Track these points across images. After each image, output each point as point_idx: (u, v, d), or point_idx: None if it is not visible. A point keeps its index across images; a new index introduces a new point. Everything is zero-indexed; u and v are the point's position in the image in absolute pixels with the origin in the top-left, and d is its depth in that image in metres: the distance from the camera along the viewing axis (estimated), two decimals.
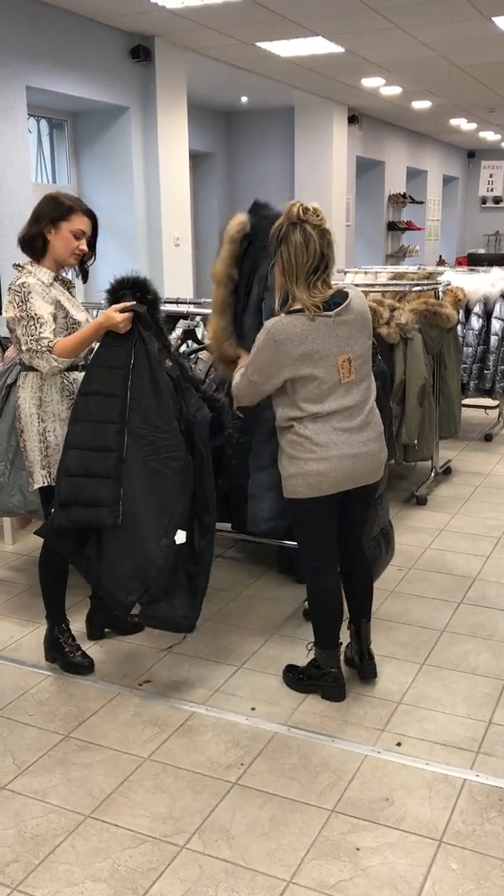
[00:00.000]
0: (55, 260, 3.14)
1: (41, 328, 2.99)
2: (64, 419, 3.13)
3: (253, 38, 7.65)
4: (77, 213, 3.10)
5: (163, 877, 2.32)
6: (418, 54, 8.41)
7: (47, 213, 3.10)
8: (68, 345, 3.01)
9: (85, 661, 3.36)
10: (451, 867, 2.34)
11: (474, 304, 6.51)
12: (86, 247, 3.15)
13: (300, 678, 3.21)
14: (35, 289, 3.04)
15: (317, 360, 2.82)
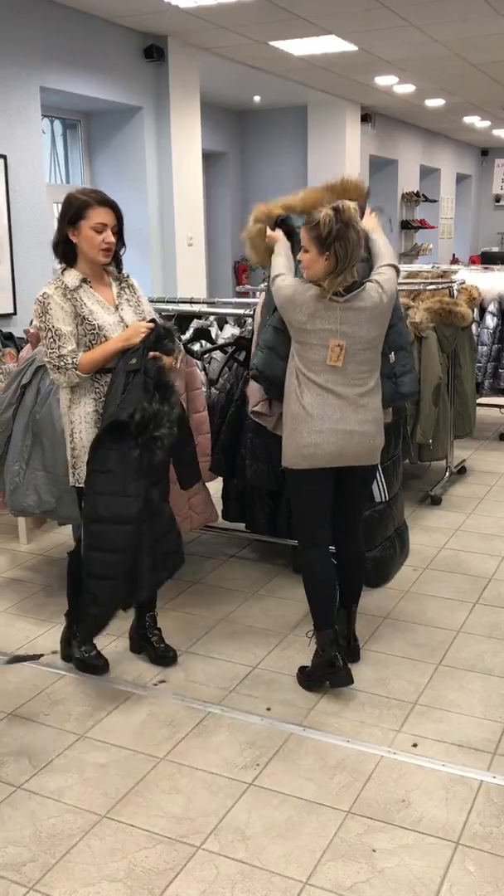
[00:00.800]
0: (87, 261, 3.04)
1: (61, 343, 2.96)
2: (91, 421, 3.08)
3: (266, 37, 7.64)
4: (92, 206, 2.98)
5: (179, 877, 2.32)
6: (432, 52, 8.37)
7: (65, 214, 3.01)
8: (91, 359, 2.99)
9: (99, 661, 3.36)
10: (468, 869, 2.32)
11: (489, 303, 6.48)
12: (112, 238, 3.02)
13: (309, 675, 3.22)
14: (54, 300, 2.98)
15: (309, 332, 3.01)
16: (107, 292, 3.11)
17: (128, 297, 3.16)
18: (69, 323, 2.99)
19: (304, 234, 2.99)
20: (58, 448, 3.78)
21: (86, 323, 3.01)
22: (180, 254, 8.08)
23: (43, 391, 3.84)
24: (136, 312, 3.14)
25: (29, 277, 6.48)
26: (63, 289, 3.01)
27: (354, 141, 11.48)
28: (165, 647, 3.44)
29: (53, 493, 3.80)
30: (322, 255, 2.95)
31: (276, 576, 4.25)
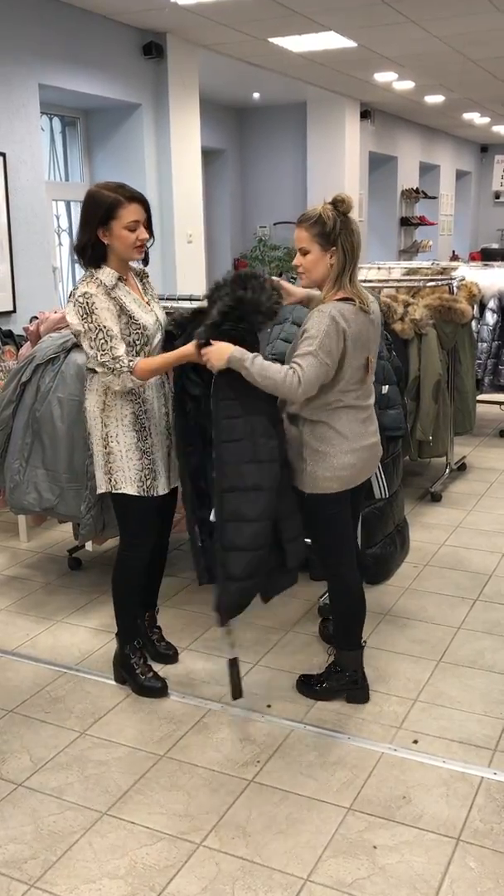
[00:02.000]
0: (119, 259, 2.92)
1: (114, 344, 2.82)
2: (127, 424, 2.97)
3: (265, 33, 7.63)
4: (123, 205, 2.84)
5: (180, 874, 2.32)
6: (431, 48, 8.36)
7: (93, 215, 2.85)
8: (151, 367, 2.86)
9: (157, 682, 3.19)
10: (469, 866, 2.32)
11: (489, 300, 6.48)
12: (146, 234, 2.91)
13: (317, 688, 3.14)
14: (99, 299, 2.84)
15: (358, 349, 2.83)
16: (136, 290, 3.03)
17: (151, 293, 3.11)
18: (116, 323, 2.86)
19: (303, 234, 2.81)
20: (58, 446, 3.78)
21: (131, 322, 2.90)
22: (179, 251, 8.07)
23: (43, 389, 3.84)
24: (161, 309, 3.09)
25: (28, 275, 6.48)
26: (104, 287, 2.88)
27: (354, 137, 11.47)
28: (166, 645, 3.44)
29: (53, 491, 3.80)
30: (327, 253, 2.79)
31: None
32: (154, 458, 3.05)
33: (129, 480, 3.02)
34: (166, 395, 3.09)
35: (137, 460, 3.01)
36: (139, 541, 3.15)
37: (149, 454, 3.03)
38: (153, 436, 3.04)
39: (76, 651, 3.53)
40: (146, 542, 3.16)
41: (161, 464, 3.07)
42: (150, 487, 3.04)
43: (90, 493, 3.72)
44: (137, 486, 3.03)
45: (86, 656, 3.48)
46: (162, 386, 3.07)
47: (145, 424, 3.01)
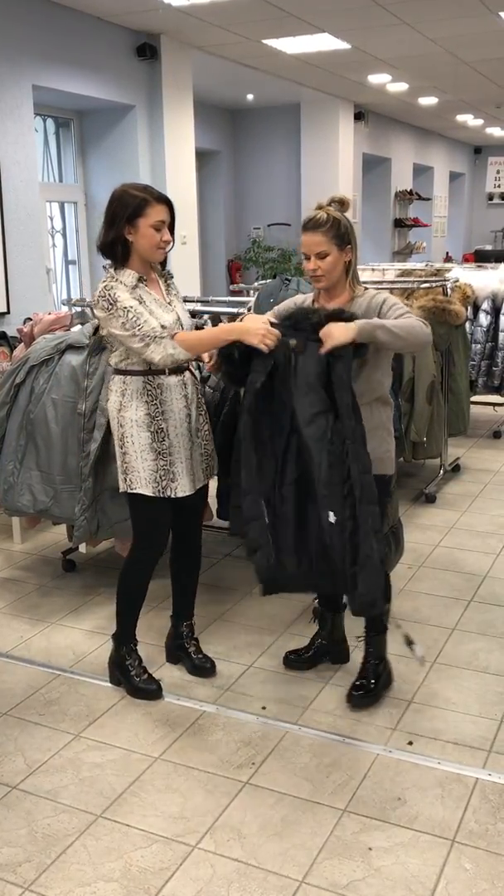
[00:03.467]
0: (141, 259, 2.95)
1: (146, 319, 2.84)
2: (142, 425, 2.98)
3: (259, 35, 7.64)
4: (151, 204, 2.88)
5: (175, 877, 2.31)
6: (425, 50, 8.38)
7: (121, 213, 2.88)
8: (192, 336, 2.89)
9: (152, 684, 3.18)
10: (464, 867, 2.32)
11: (482, 301, 6.49)
12: (169, 236, 2.94)
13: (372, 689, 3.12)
14: (120, 287, 2.89)
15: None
16: (158, 290, 3.04)
17: (175, 293, 3.10)
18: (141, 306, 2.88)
19: (319, 238, 2.84)
20: (52, 447, 3.78)
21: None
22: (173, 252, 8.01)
23: (37, 390, 3.83)
24: (184, 309, 3.09)
25: (22, 276, 6.47)
26: (123, 285, 2.91)
27: (347, 139, 11.49)
28: (204, 658, 3.33)
29: (48, 493, 3.79)
30: (343, 252, 2.88)
31: None
32: (172, 460, 3.03)
33: (144, 481, 3.01)
34: (188, 396, 3.06)
35: (152, 461, 3.00)
36: (149, 542, 3.14)
37: (165, 455, 3.01)
38: (171, 437, 3.02)
39: (70, 653, 3.52)
40: (156, 544, 3.16)
41: (182, 465, 3.05)
42: (167, 489, 3.03)
43: (84, 495, 3.71)
44: (152, 487, 3.01)
45: (80, 658, 3.47)
46: (184, 387, 3.04)
47: (162, 426, 3.00)
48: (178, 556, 3.32)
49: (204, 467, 3.18)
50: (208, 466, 3.22)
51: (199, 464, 3.14)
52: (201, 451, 3.16)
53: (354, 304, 2.92)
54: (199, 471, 3.16)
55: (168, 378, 3.00)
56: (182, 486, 3.07)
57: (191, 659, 3.33)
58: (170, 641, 3.42)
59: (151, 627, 3.68)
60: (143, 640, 3.57)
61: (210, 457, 3.22)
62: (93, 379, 3.74)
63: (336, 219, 2.87)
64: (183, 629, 3.37)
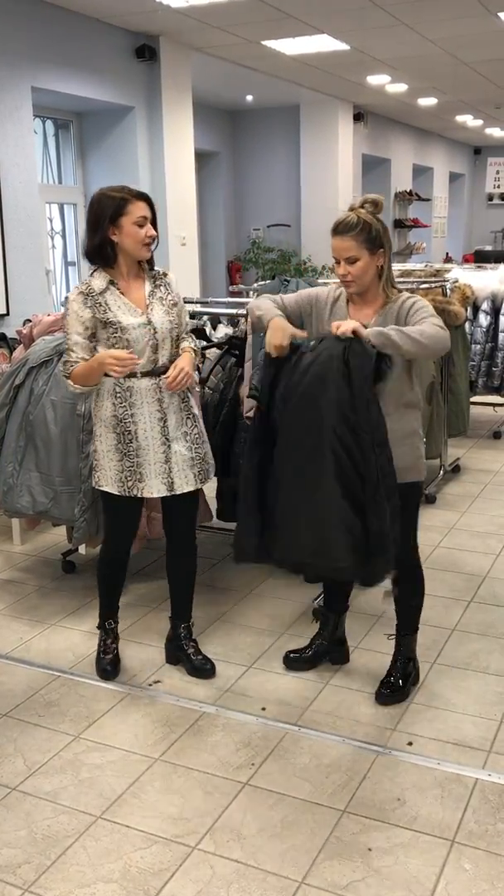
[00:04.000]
0: (128, 259, 2.98)
1: (70, 350, 2.98)
2: (108, 426, 3.04)
3: (258, 36, 7.64)
4: (131, 202, 2.92)
5: (174, 878, 2.31)
6: (424, 51, 8.38)
7: (103, 215, 2.91)
8: (78, 373, 2.98)
9: (105, 666, 3.32)
10: (464, 867, 2.32)
11: (482, 302, 6.49)
12: (153, 231, 2.96)
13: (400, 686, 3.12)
14: (73, 307, 2.95)
15: None
16: (139, 292, 3.03)
17: (161, 295, 3.07)
18: (80, 332, 2.96)
19: (349, 244, 2.78)
20: (51, 449, 3.78)
21: (109, 325, 2.95)
22: (173, 253, 8.07)
23: (36, 392, 3.83)
24: (167, 312, 3.05)
25: (21, 278, 6.47)
26: (87, 294, 2.96)
27: (347, 140, 11.49)
28: (203, 659, 3.33)
29: (47, 494, 3.79)
30: (375, 256, 2.82)
31: (271, 575, 4.24)
32: (139, 462, 3.06)
33: (110, 479, 3.10)
34: (163, 400, 3.06)
35: (118, 461, 3.07)
36: (115, 538, 3.27)
37: (131, 457, 3.06)
38: (140, 439, 3.05)
39: (70, 654, 3.52)
40: (120, 541, 3.26)
41: (151, 468, 3.07)
42: (133, 488, 3.08)
43: (84, 497, 3.72)
44: (118, 487, 3.09)
45: (80, 660, 3.47)
46: (158, 391, 3.05)
47: (130, 428, 3.04)
48: (172, 557, 3.34)
49: (196, 472, 3.16)
50: (201, 471, 3.18)
51: (182, 468, 3.11)
52: (191, 455, 3.13)
53: (387, 310, 2.87)
54: (185, 474, 3.12)
55: (140, 381, 3.02)
56: (150, 486, 3.08)
57: (190, 660, 3.33)
58: (169, 643, 3.43)
59: (150, 629, 3.69)
60: (142, 641, 3.58)
61: (203, 461, 3.19)
62: None
63: (367, 222, 2.79)
64: (181, 631, 3.37)
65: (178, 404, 3.11)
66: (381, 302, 2.89)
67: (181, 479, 3.12)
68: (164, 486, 3.10)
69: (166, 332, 3.04)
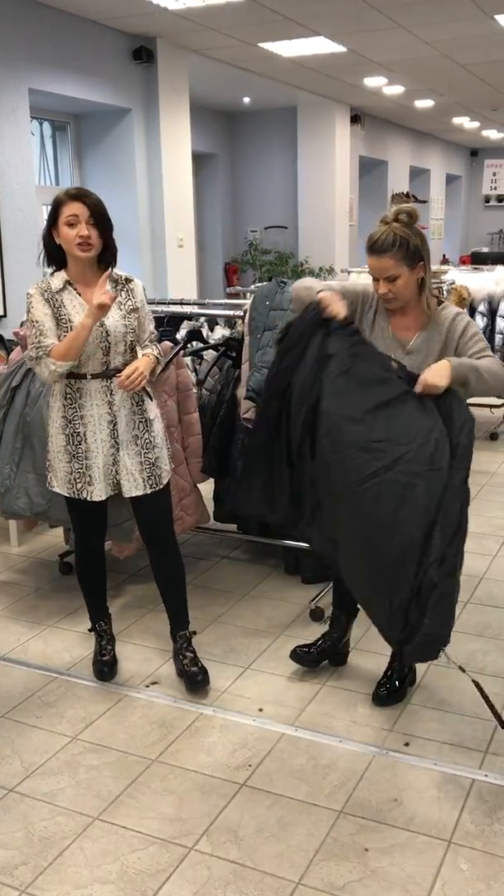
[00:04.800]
0: (74, 261, 2.96)
1: (42, 335, 2.92)
2: (58, 427, 3.05)
3: (255, 38, 7.65)
4: (64, 203, 2.89)
5: (171, 879, 2.32)
6: (421, 53, 8.39)
7: (49, 217, 2.94)
8: (61, 345, 2.89)
9: (101, 667, 3.32)
10: (460, 868, 2.33)
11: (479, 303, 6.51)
12: (86, 231, 2.87)
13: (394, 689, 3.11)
14: (35, 298, 2.96)
15: None
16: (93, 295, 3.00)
17: (120, 300, 3.02)
18: (50, 319, 2.93)
19: (388, 263, 2.72)
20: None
21: (61, 325, 2.94)
22: (170, 255, 8.08)
23: (33, 393, 3.83)
24: (123, 317, 3.00)
25: (19, 280, 6.47)
26: (44, 290, 2.97)
27: (344, 142, 11.50)
28: (197, 670, 3.22)
29: (44, 496, 3.79)
30: (415, 269, 2.76)
31: (268, 577, 4.25)
32: (88, 464, 3.04)
33: (60, 481, 3.11)
34: (113, 402, 3.02)
35: (67, 463, 3.07)
36: (78, 537, 3.31)
37: (80, 459, 3.04)
38: (89, 441, 3.03)
39: (67, 656, 3.52)
40: (86, 539, 3.29)
41: (99, 470, 3.05)
42: (82, 490, 3.07)
43: None
44: (67, 488, 3.10)
45: (77, 661, 3.48)
46: (108, 393, 3.01)
47: (79, 430, 3.03)
48: (152, 560, 3.29)
49: (145, 476, 3.09)
50: (151, 475, 3.10)
51: (131, 471, 3.07)
52: (140, 460, 3.08)
53: (432, 328, 2.81)
54: (133, 478, 3.08)
55: (89, 383, 2.99)
56: (98, 490, 3.06)
57: (185, 670, 3.24)
58: (174, 654, 3.35)
59: (148, 630, 3.69)
60: (138, 642, 3.58)
61: (154, 466, 3.11)
62: None
63: (403, 237, 2.71)
64: (178, 640, 3.30)
65: (130, 407, 3.06)
66: (422, 314, 2.83)
67: (129, 482, 3.08)
68: (111, 488, 3.09)
69: (119, 336, 2.99)
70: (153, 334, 3.17)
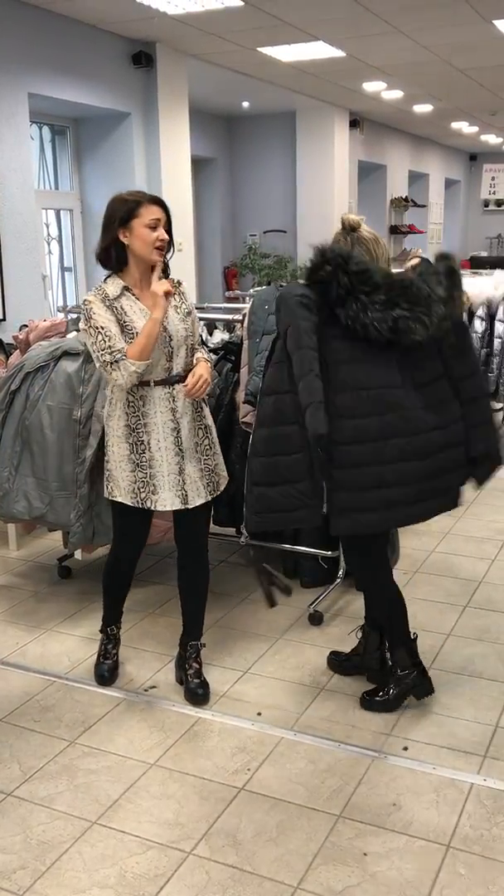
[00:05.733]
0: (139, 263, 2.93)
1: (112, 342, 2.86)
2: (120, 435, 3.00)
3: (254, 43, 7.67)
4: (143, 204, 2.88)
5: (170, 883, 2.31)
6: (419, 58, 8.41)
7: (115, 216, 2.88)
8: (136, 344, 2.85)
9: (103, 672, 3.32)
10: (459, 872, 2.33)
11: (478, 308, 6.50)
12: (166, 235, 2.91)
13: (387, 698, 3.09)
14: (96, 304, 2.90)
15: None
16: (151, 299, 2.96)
17: (176, 303, 3.02)
18: (115, 323, 2.89)
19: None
20: (47, 454, 3.78)
21: (126, 331, 2.89)
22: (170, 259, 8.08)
23: (32, 397, 3.84)
24: (181, 320, 3.00)
25: (18, 283, 6.48)
26: (104, 298, 2.92)
27: (343, 146, 11.52)
28: (199, 684, 3.19)
29: (43, 500, 3.79)
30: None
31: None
32: (152, 473, 3.01)
33: (123, 491, 3.05)
34: (176, 409, 3.00)
35: (130, 472, 3.02)
36: (122, 547, 3.26)
37: (144, 468, 3.01)
38: (153, 450, 3.00)
39: (66, 660, 3.52)
40: (128, 552, 3.25)
41: (165, 479, 3.02)
42: (147, 500, 3.03)
43: (80, 502, 3.72)
44: (131, 498, 3.04)
45: (76, 665, 3.47)
46: (171, 400, 2.99)
47: (142, 438, 2.99)
48: (184, 571, 3.23)
49: (205, 483, 3.10)
50: (210, 482, 3.12)
51: (194, 479, 3.06)
52: (200, 467, 3.08)
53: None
54: (196, 486, 3.07)
55: (153, 390, 2.97)
56: (163, 499, 3.03)
57: (187, 682, 3.21)
58: (177, 661, 3.33)
59: (147, 634, 3.69)
60: (138, 646, 3.58)
61: (213, 472, 3.13)
62: (88, 385, 3.75)
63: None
64: (188, 649, 3.25)
65: (191, 414, 3.04)
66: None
67: (193, 491, 3.06)
68: (179, 498, 3.04)
69: (181, 339, 2.99)
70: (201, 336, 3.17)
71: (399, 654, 3.09)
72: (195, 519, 3.16)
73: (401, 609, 3.11)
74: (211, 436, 3.15)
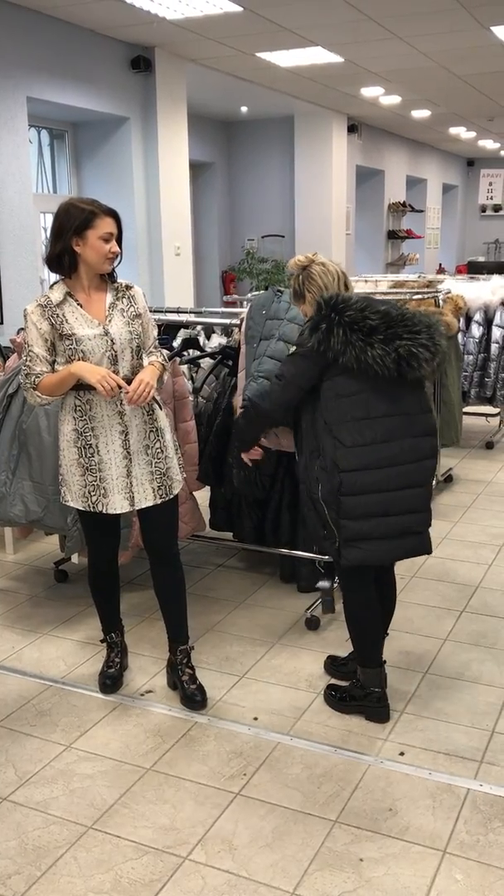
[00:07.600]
0: (88, 271, 2.95)
1: (32, 364, 2.92)
2: (69, 440, 3.00)
3: (253, 48, 7.69)
4: (99, 216, 2.89)
5: (165, 888, 2.31)
6: (417, 64, 8.44)
7: (69, 224, 2.88)
8: (49, 383, 2.92)
9: (106, 680, 3.29)
10: (455, 878, 2.32)
11: (475, 312, 6.52)
12: (118, 248, 2.94)
13: (343, 698, 3.12)
14: (31, 319, 2.91)
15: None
16: (99, 304, 2.99)
17: (122, 307, 3.00)
18: (41, 344, 2.91)
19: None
20: (44, 458, 3.78)
21: (64, 337, 2.90)
22: (167, 263, 8.09)
23: None
24: (127, 323, 2.98)
25: (16, 287, 6.48)
26: (44, 306, 2.92)
27: (341, 151, 11.55)
28: (196, 689, 3.18)
29: (40, 503, 3.79)
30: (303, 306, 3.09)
31: (264, 585, 4.24)
32: (102, 476, 3.01)
33: (74, 495, 3.07)
34: (122, 412, 2.99)
35: (80, 476, 3.03)
36: (92, 550, 3.28)
37: (94, 472, 3.01)
38: (101, 454, 3.00)
39: (62, 664, 3.51)
40: (100, 553, 3.27)
41: (115, 482, 3.01)
42: (97, 503, 3.03)
43: None
44: (82, 502, 3.05)
45: (72, 669, 3.47)
46: (117, 403, 2.98)
47: (91, 442, 2.99)
48: (154, 570, 3.24)
49: (155, 486, 3.06)
50: (162, 486, 3.08)
51: (142, 482, 3.05)
52: (150, 470, 3.05)
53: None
54: (144, 489, 3.05)
55: (98, 394, 2.91)
56: (113, 503, 3.03)
57: (182, 688, 3.20)
58: (169, 667, 3.32)
59: (143, 638, 3.69)
60: (134, 650, 3.58)
61: (165, 476, 3.09)
62: None
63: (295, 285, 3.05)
64: (178, 655, 3.23)
65: (141, 417, 3.04)
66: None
67: (140, 493, 3.05)
68: (127, 500, 3.04)
69: (125, 343, 2.98)
70: (156, 340, 3.17)
71: (367, 674, 3.07)
72: (155, 518, 3.15)
73: (375, 634, 3.08)
74: (163, 439, 3.11)
